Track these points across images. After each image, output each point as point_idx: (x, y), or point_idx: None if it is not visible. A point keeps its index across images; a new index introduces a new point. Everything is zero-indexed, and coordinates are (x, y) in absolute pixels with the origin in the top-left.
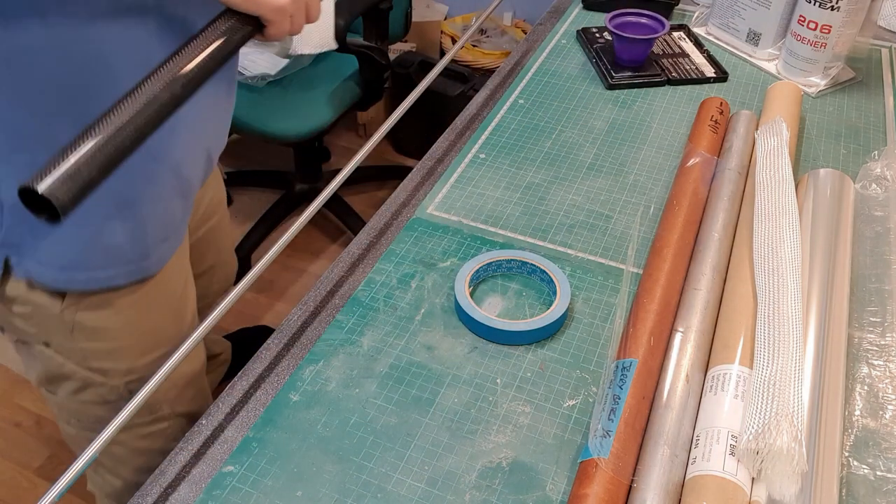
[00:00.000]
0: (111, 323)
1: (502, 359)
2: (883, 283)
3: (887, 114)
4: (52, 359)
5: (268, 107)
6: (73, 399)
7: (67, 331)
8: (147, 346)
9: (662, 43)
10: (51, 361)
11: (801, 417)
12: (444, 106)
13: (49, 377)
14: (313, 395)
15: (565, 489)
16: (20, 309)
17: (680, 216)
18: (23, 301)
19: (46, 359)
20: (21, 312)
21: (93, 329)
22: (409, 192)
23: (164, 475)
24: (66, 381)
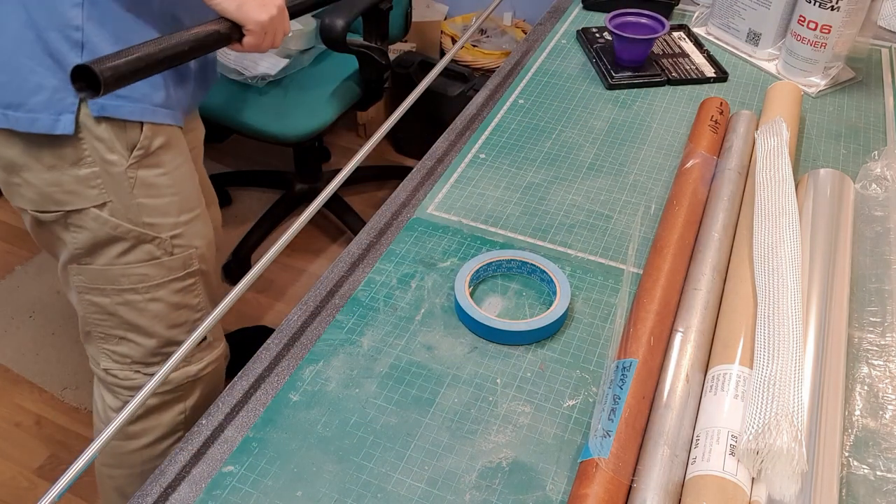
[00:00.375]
0: (161, 181)
1: (502, 359)
2: (883, 283)
3: (887, 114)
4: (107, 222)
5: (268, 107)
6: (116, 262)
7: (129, 187)
8: (182, 206)
9: (662, 43)
10: (105, 225)
11: (801, 417)
12: (444, 106)
13: (95, 245)
14: (313, 395)
15: (565, 489)
16: (87, 171)
17: (680, 216)
18: (90, 163)
19: (100, 224)
20: (87, 174)
21: (148, 185)
22: (409, 192)
23: (164, 475)
24: (114, 245)
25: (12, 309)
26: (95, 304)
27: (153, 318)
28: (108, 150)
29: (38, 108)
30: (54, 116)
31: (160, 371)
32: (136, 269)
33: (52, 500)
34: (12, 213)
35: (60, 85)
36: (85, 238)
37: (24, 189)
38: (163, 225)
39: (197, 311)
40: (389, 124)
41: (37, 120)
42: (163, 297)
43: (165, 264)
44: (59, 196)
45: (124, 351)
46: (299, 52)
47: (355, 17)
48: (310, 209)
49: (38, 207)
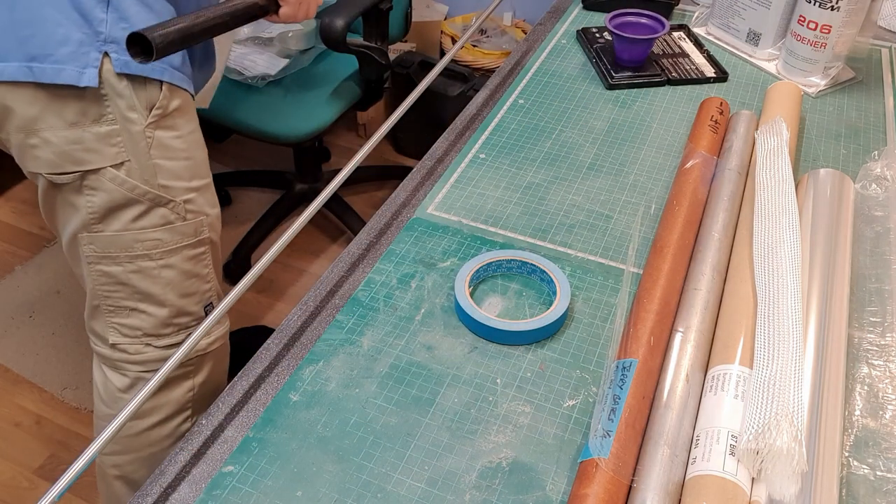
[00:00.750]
0: (177, 144)
1: (502, 359)
2: (883, 283)
3: (887, 114)
4: (124, 182)
5: (268, 107)
6: (130, 227)
7: (146, 147)
8: (195, 172)
9: (662, 43)
10: (122, 185)
11: (801, 417)
12: (444, 106)
13: (111, 208)
14: (313, 395)
15: (565, 489)
16: (107, 129)
17: (680, 216)
18: (111, 121)
19: (117, 184)
20: (107, 132)
21: (165, 147)
22: (409, 192)
23: (164, 475)
24: (129, 208)
25: (12, 309)
26: (106, 274)
27: (166, 285)
28: (129, 108)
29: (64, 59)
30: (79, 69)
31: (164, 365)
32: (149, 234)
33: (52, 500)
34: (12, 212)
35: (86, 39)
36: (100, 201)
37: (41, 150)
38: (177, 188)
39: (207, 282)
40: (389, 124)
41: (62, 71)
42: (175, 264)
43: (179, 229)
44: (78, 154)
45: (135, 323)
46: (299, 52)
47: (355, 17)
48: (310, 209)
49: (54, 169)
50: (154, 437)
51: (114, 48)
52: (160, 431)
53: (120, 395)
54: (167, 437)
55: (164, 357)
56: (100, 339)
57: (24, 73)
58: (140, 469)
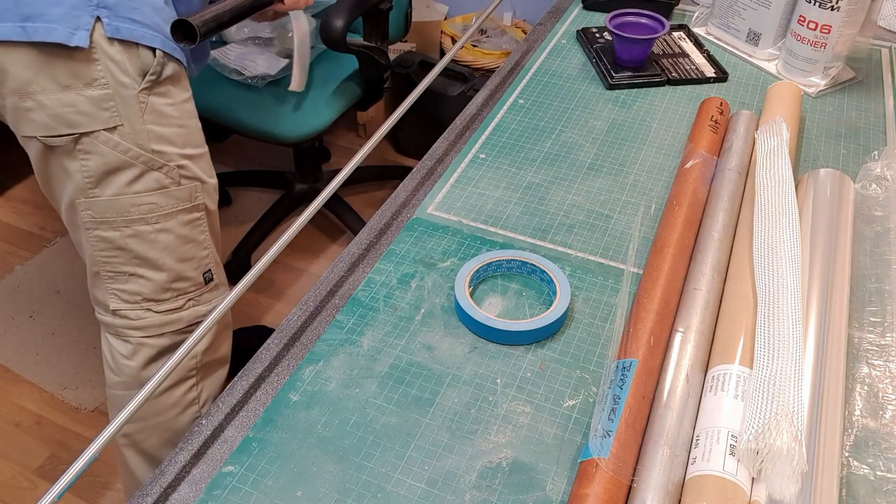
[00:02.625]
0: (170, 111)
1: (502, 359)
2: (883, 283)
3: (887, 114)
4: (118, 145)
5: (268, 107)
6: (125, 191)
7: (140, 112)
8: (187, 140)
9: (662, 43)
10: (116, 148)
11: (801, 417)
12: (444, 106)
13: (105, 171)
14: (313, 395)
15: (565, 489)
16: (100, 92)
17: (680, 216)
18: (104, 85)
19: (111, 147)
20: (100, 96)
21: (158, 112)
22: (409, 192)
23: (164, 475)
24: (124, 171)
25: (12, 309)
26: (104, 240)
27: (163, 249)
28: (122, 73)
29: (56, 19)
30: (71, 30)
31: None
32: (145, 198)
33: (52, 500)
34: (12, 212)
35: (79, 3)
36: (94, 164)
37: (35, 113)
38: (170, 154)
39: (203, 248)
40: (389, 124)
41: (54, 30)
42: (171, 228)
43: (173, 193)
44: (72, 117)
45: (134, 288)
46: None
47: (355, 17)
48: (310, 209)
49: (49, 132)
50: (161, 406)
51: (105, 13)
52: (166, 400)
53: (124, 361)
54: (174, 405)
55: (165, 322)
56: (102, 307)
57: (18, 32)
58: (149, 438)
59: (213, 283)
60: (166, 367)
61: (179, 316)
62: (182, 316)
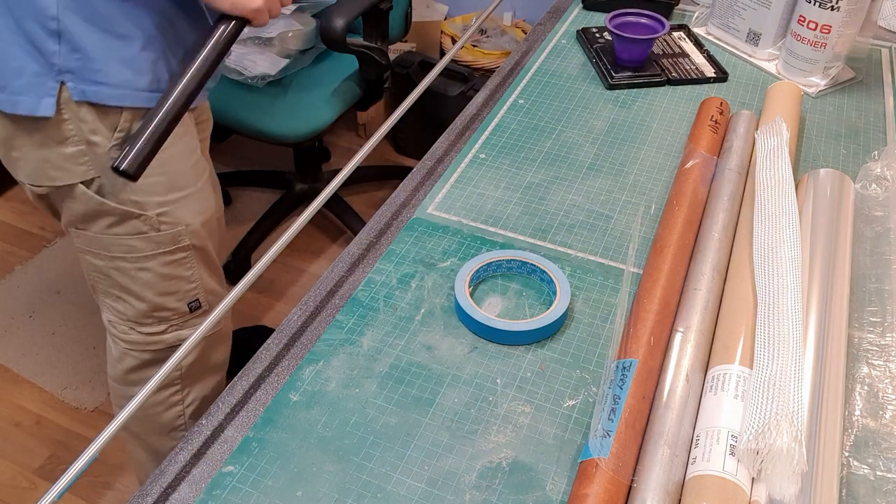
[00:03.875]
0: None
1: (502, 359)
2: (883, 283)
3: (887, 114)
4: (93, 198)
5: (268, 107)
6: (106, 232)
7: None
8: (172, 185)
9: (662, 43)
10: (91, 201)
11: (801, 417)
12: (444, 106)
13: (86, 216)
14: (313, 395)
15: (565, 489)
16: (73, 149)
17: (680, 216)
18: (76, 142)
19: (87, 199)
20: (73, 152)
21: None
22: (409, 192)
23: (164, 475)
24: (103, 218)
25: (12, 309)
26: (93, 264)
27: (143, 284)
28: (91, 132)
29: (21, 90)
30: (35, 99)
31: (158, 373)
32: (124, 241)
33: (52, 500)
34: (12, 212)
35: (41, 70)
36: (76, 209)
37: (21, 163)
38: (149, 203)
39: (190, 283)
40: (389, 124)
41: (19, 102)
42: (152, 268)
43: (153, 238)
44: (50, 172)
45: (121, 308)
46: (299, 52)
47: (355, 17)
48: (310, 209)
49: (33, 181)
50: (148, 403)
51: (70, 77)
52: (153, 399)
53: (114, 362)
54: (160, 403)
55: (147, 342)
56: (102, 311)
57: None
58: (139, 426)
59: (200, 311)
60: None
61: (161, 339)
62: (164, 339)
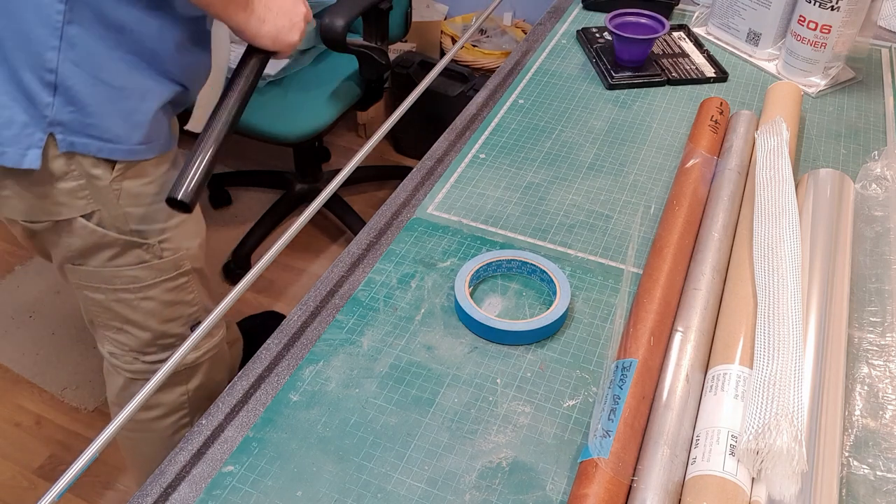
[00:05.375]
0: (148, 189)
1: (502, 359)
2: (883, 283)
3: (887, 114)
4: (94, 231)
5: (268, 107)
6: (108, 265)
7: (115, 198)
8: (170, 211)
9: (662, 43)
10: (92, 234)
11: (801, 417)
12: (444, 106)
13: (85, 250)
14: (313, 395)
15: (565, 489)
16: (73, 184)
17: (680, 216)
18: (76, 177)
19: (87, 232)
20: (73, 187)
21: (135, 195)
22: (409, 192)
23: (164, 475)
24: (104, 250)
25: (12, 309)
26: (92, 299)
27: (146, 314)
28: (93, 166)
29: (7, 141)
30: (22, 151)
31: (153, 378)
32: (126, 272)
33: (52, 500)
34: None
35: (30, 121)
36: (76, 244)
37: (14, 201)
38: (150, 231)
39: (192, 306)
40: (389, 124)
41: (4, 153)
42: (155, 296)
43: (155, 267)
44: (48, 207)
45: (123, 340)
46: (299, 52)
47: (355, 17)
48: (310, 209)
49: (28, 218)
50: (157, 427)
51: (59, 129)
52: (161, 423)
53: (119, 391)
54: (168, 427)
55: (152, 370)
56: (99, 343)
57: None
58: (148, 447)
59: None
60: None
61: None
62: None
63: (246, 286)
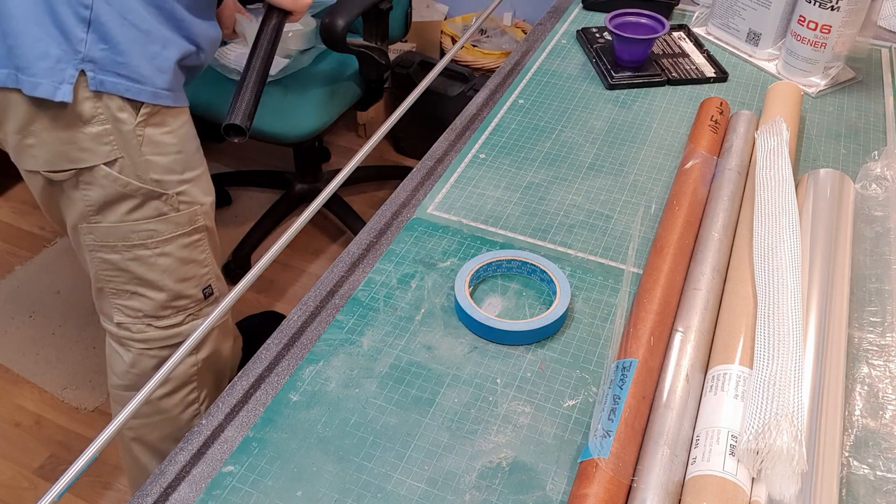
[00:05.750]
0: (168, 139)
1: (502, 359)
2: (883, 283)
3: (887, 114)
4: (117, 179)
5: (268, 107)
6: (125, 218)
7: (137, 144)
8: (186, 164)
9: (662, 43)
10: (116, 182)
11: (801, 417)
12: (444, 106)
13: (106, 202)
14: (313, 395)
15: (565, 489)
16: (99, 129)
17: (680, 216)
18: (103, 121)
19: (110, 181)
20: (99, 132)
21: (156, 143)
22: (409, 192)
23: (164, 475)
24: (124, 202)
25: (12, 309)
26: (106, 261)
27: (162, 272)
28: (119, 109)
29: (42, 73)
30: (55, 84)
31: (168, 363)
32: (144, 225)
33: (52, 500)
34: (12, 212)
35: (64, 56)
36: (96, 195)
37: (37, 149)
38: (169, 182)
39: (204, 266)
40: (389, 124)
41: (39, 85)
42: (171, 252)
43: (172, 220)
44: (73, 154)
45: (136, 305)
46: (299, 52)
47: (355, 17)
48: (310, 209)
49: (51, 167)
50: (164, 406)
51: (90, 67)
52: (169, 402)
53: (126, 369)
54: (176, 405)
55: (165, 336)
56: (107, 317)
57: (13, 79)
58: (153, 432)
59: (212, 297)
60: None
61: (179, 331)
62: (181, 331)
63: (246, 286)
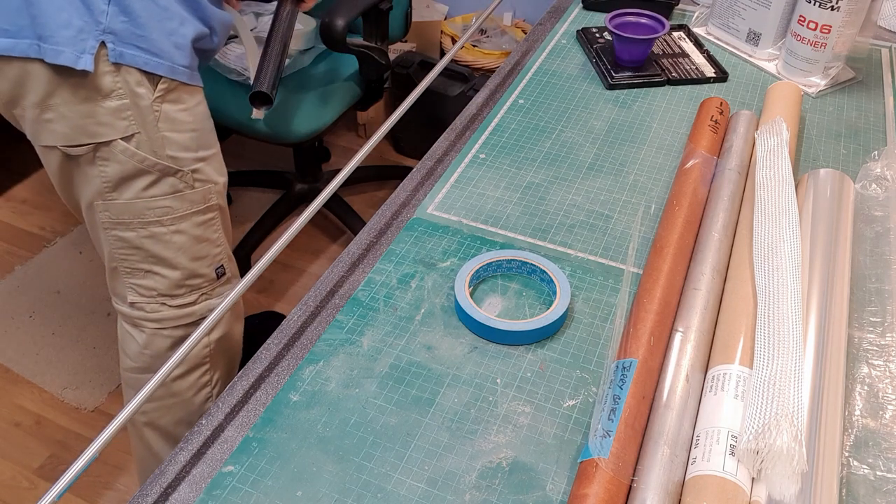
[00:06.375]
0: (184, 116)
1: (502, 359)
2: (883, 283)
3: (887, 114)
4: (134, 154)
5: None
6: (141, 195)
7: (154, 120)
8: (201, 143)
9: (662, 43)
10: (133, 157)
11: (801, 417)
12: (444, 106)
13: (122, 178)
14: (313, 395)
15: (565, 489)
16: (117, 103)
17: (680, 216)
18: (121, 95)
19: (127, 156)
20: (118, 106)
21: (172, 119)
22: (409, 192)
23: (164, 475)
24: (140, 178)
25: (12, 309)
26: (122, 239)
27: (177, 250)
28: (137, 84)
29: (64, 42)
30: (77, 53)
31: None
32: (160, 202)
33: (52, 500)
34: (12, 212)
35: (85, 27)
36: (113, 171)
37: (56, 124)
38: (184, 159)
39: (216, 246)
40: (389, 124)
41: (61, 53)
42: (186, 230)
43: (187, 197)
44: (91, 128)
45: (150, 284)
46: (299, 52)
47: (355, 17)
48: (310, 209)
49: (69, 142)
50: (176, 389)
51: (111, 38)
52: (182, 384)
53: (140, 350)
54: (189, 388)
55: (178, 315)
56: (120, 299)
57: (35, 49)
58: (165, 416)
59: (225, 277)
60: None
61: (192, 310)
62: (195, 310)
63: (246, 286)
